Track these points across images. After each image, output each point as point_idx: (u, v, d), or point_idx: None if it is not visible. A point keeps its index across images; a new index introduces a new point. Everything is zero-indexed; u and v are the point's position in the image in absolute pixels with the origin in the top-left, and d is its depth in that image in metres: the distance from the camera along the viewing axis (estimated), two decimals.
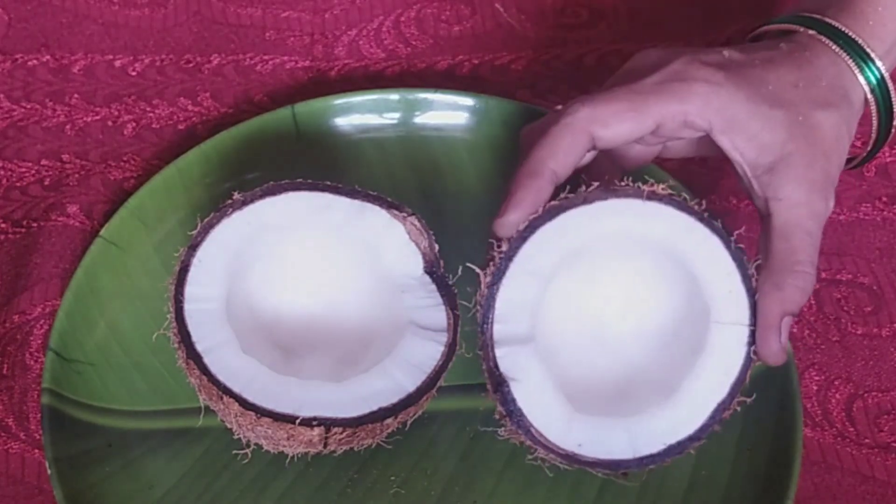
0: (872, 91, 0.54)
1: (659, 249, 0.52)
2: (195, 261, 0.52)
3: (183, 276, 0.52)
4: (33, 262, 0.63)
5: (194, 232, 0.53)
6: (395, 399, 0.51)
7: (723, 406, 0.51)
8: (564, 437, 0.50)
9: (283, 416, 0.50)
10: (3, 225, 0.65)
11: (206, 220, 0.53)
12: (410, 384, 0.52)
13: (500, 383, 0.50)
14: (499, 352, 0.50)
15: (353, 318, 0.57)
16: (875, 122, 0.56)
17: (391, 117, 0.67)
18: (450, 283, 0.54)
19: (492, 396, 0.52)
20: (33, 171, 0.67)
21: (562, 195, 0.52)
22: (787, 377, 0.58)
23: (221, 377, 0.50)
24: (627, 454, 0.50)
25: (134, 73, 0.72)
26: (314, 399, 0.51)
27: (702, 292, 0.52)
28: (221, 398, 0.50)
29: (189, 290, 0.52)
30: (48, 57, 0.72)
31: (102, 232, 0.61)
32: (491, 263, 0.51)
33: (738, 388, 0.51)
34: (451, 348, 0.53)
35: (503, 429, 0.52)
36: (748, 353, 0.51)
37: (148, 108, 0.70)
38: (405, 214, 0.54)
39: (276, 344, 0.56)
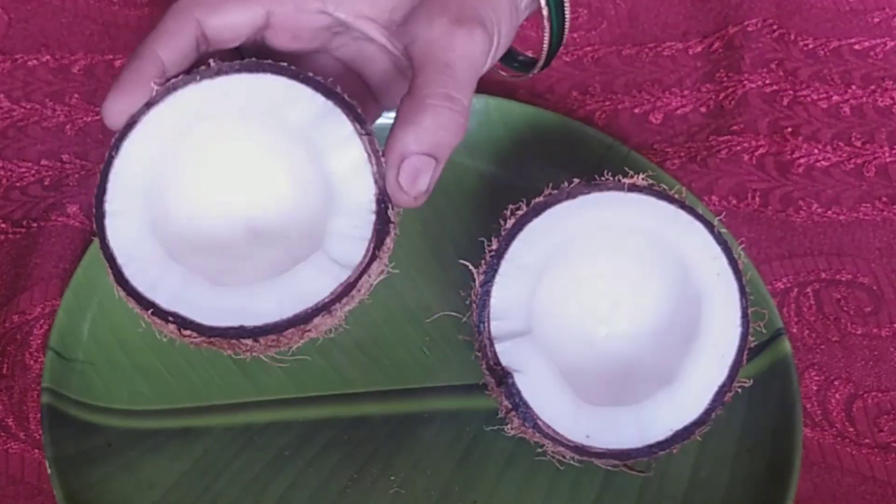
0: None
1: (645, 239, 0.53)
2: (145, 119, 0.49)
3: (127, 130, 0.49)
4: (33, 262, 0.63)
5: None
6: (257, 322, 0.48)
7: (724, 388, 0.52)
8: (572, 428, 0.51)
9: (145, 301, 0.48)
10: (3, 225, 0.65)
11: (172, 80, 0.49)
12: (284, 312, 0.48)
13: (503, 377, 0.50)
14: (499, 347, 0.51)
15: (275, 217, 0.53)
16: (546, 12, 0.53)
17: (391, 117, 0.67)
18: (392, 223, 0.49)
19: (495, 392, 0.52)
20: (33, 171, 0.67)
21: (546, 192, 0.52)
22: (787, 377, 0.58)
23: (112, 243, 0.48)
24: (636, 443, 0.51)
25: None
26: (186, 295, 0.48)
27: (691, 277, 0.52)
28: (105, 260, 0.49)
29: (127, 146, 0.49)
30: (48, 57, 0.72)
31: None
32: (483, 262, 0.52)
33: (736, 369, 0.52)
34: (346, 288, 0.48)
35: (509, 425, 0.52)
36: (743, 334, 0.52)
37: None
38: (366, 131, 0.49)
39: (185, 224, 0.53)
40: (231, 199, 0.53)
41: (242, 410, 0.58)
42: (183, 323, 0.48)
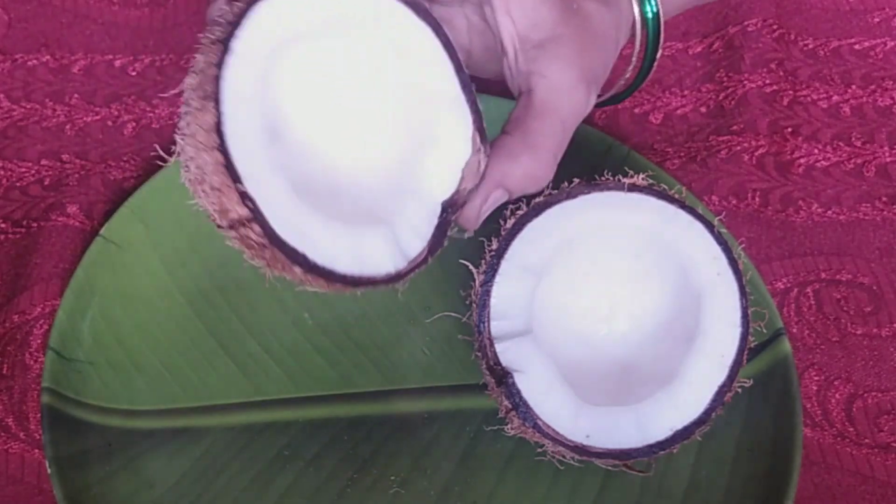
0: (643, 14, 0.53)
1: (645, 238, 0.53)
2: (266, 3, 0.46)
3: (239, 19, 0.46)
4: (33, 262, 0.63)
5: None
6: (318, 259, 0.46)
7: (724, 388, 0.52)
8: (572, 427, 0.51)
9: (234, 172, 0.44)
10: (3, 225, 0.65)
11: None
12: (342, 263, 0.47)
13: (503, 377, 0.51)
14: (499, 347, 0.51)
15: (361, 165, 0.52)
16: (639, 48, 0.55)
17: None
18: (447, 235, 0.49)
19: (495, 392, 0.52)
20: (33, 171, 0.67)
21: (546, 192, 0.52)
22: (787, 377, 0.58)
23: (230, 142, 0.45)
24: (636, 442, 0.51)
25: (134, 73, 0.72)
26: (271, 199, 0.45)
27: (691, 277, 0.52)
28: (213, 147, 0.45)
29: (241, 40, 0.46)
30: (48, 57, 0.72)
31: (102, 231, 0.61)
32: (483, 262, 0.52)
33: (736, 369, 0.52)
34: (394, 277, 0.48)
35: (509, 425, 0.52)
36: (743, 334, 0.52)
37: (148, 108, 0.70)
38: (482, 148, 0.49)
39: (286, 141, 0.51)
40: (325, 122, 0.52)
41: (242, 410, 0.58)
42: (256, 214, 0.45)
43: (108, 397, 0.58)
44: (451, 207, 0.49)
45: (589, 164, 0.64)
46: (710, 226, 0.53)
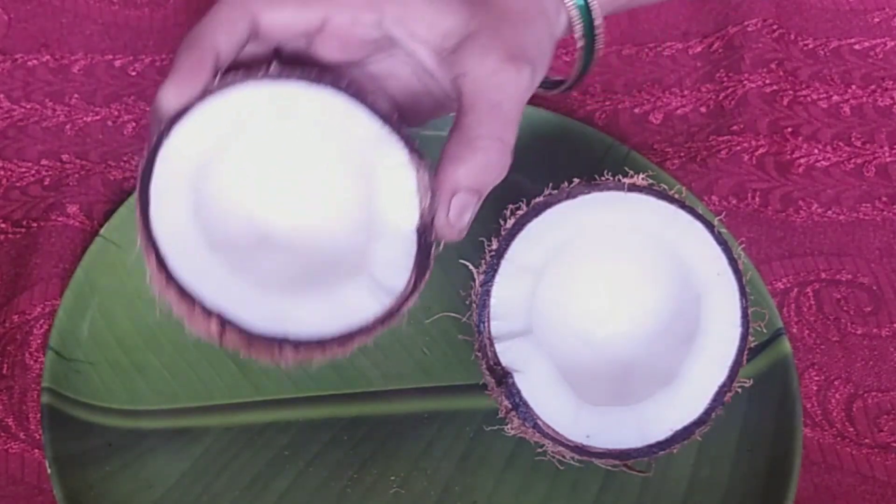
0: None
1: (645, 239, 0.53)
2: (199, 107, 0.47)
3: (180, 115, 0.47)
4: (33, 262, 0.63)
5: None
6: (302, 335, 0.47)
7: (724, 388, 0.52)
8: (572, 427, 0.51)
9: (188, 295, 0.45)
10: (3, 225, 0.65)
11: (231, 74, 0.48)
12: (329, 327, 0.47)
13: (503, 377, 0.50)
14: (499, 347, 0.51)
15: (319, 237, 0.52)
16: (578, 27, 0.54)
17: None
18: (432, 256, 0.50)
19: (495, 392, 0.52)
20: (33, 171, 0.67)
21: (546, 192, 0.52)
22: (787, 377, 0.58)
23: (156, 228, 0.46)
24: (636, 442, 0.51)
25: (134, 73, 0.72)
26: (230, 293, 0.46)
27: (691, 277, 0.52)
28: (147, 246, 0.46)
29: (178, 130, 0.47)
30: (48, 57, 0.72)
31: (102, 231, 0.61)
32: (483, 262, 0.52)
33: (736, 369, 0.52)
34: (388, 315, 0.48)
35: (509, 425, 0.52)
36: (743, 334, 0.52)
37: (148, 109, 0.70)
38: (422, 167, 0.49)
39: (230, 228, 0.52)
40: (271, 203, 0.52)
41: (242, 410, 0.58)
42: (226, 322, 0.46)
43: (108, 397, 0.58)
44: (424, 230, 0.49)
45: (589, 164, 0.64)
46: (710, 226, 0.53)
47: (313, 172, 0.52)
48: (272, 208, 0.52)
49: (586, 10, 0.54)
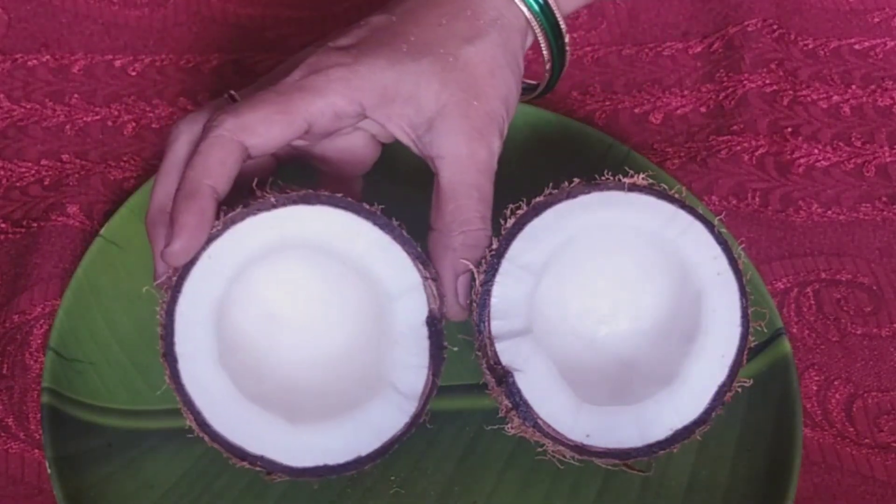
0: (532, 10, 0.54)
1: (646, 238, 0.53)
2: (205, 255, 0.49)
3: (188, 267, 0.49)
4: (33, 262, 0.63)
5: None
6: (341, 460, 0.51)
7: (724, 388, 0.52)
8: (572, 427, 0.51)
9: (233, 448, 0.50)
10: (3, 225, 0.65)
11: (231, 213, 0.50)
12: (362, 449, 0.51)
13: (503, 377, 0.51)
14: (499, 346, 0.51)
15: (337, 352, 0.55)
16: (544, 44, 0.55)
17: None
18: (444, 345, 0.53)
19: (495, 392, 0.52)
20: (33, 171, 0.67)
21: (546, 192, 0.52)
22: (787, 377, 0.58)
23: (189, 388, 0.49)
24: (636, 442, 0.51)
25: (134, 73, 0.72)
26: (266, 436, 0.50)
27: (691, 277, 0.52)
28: (183, 406, 0.50)
29: (189, 284, 0.49)
30: (48, 57, 0.72)
31: (102, 231, 0.61)
32: (483, 262, 0.52)
33: (736, 369, 0.52)
34: (413, 420, 0.52)
35: (509, 425, 0.52)
36: (743, 334, 0.52)
37: (148, 108, 0.70)
38: (428, 276, 0.52)
39: (253, 355, 0.55)
40: (288, 325, 0.55)
41: None
42: (271, 467, 0.50)
43: (108, 397, 0.58)
44: (434, 319, 0.52)
45: (589, 164, 0.64)
46: (710, 226, 0.53)
47: (323, 290, 0.55)
48: (289, 332, 0.55)
49: (554, 33, 0.55)
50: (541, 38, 0.55)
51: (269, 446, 0.50)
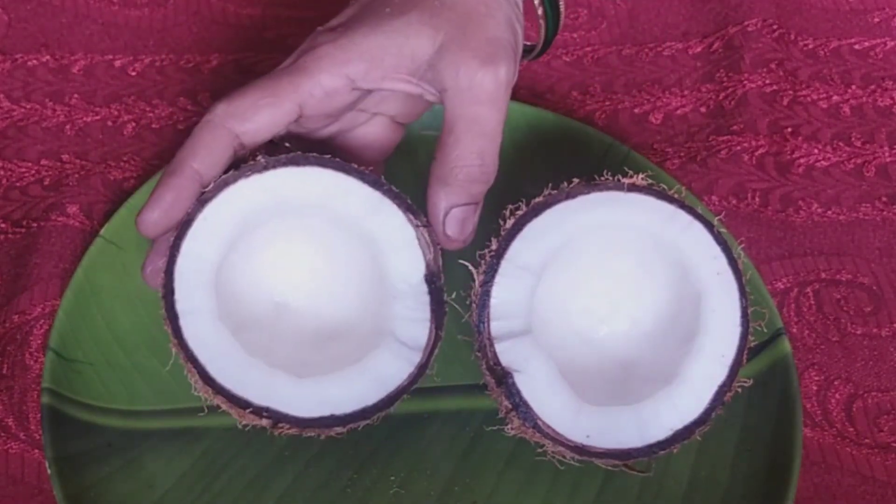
0: None
1: (645, 238, 0.53)
2: (201, 216, 0.50)
3: (185, 228, 0.50)
4: (33, 262, 0.63)
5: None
6: (348, 409, 0.51)
7: (724, 388, 0.52)
8: (572, 428, 0.51)
9: (238, 399, 0.49)
10: (3, 225, 0.65)
11: (223, 175, 0.51)
12: (369, 398, 0.51)
13: (503, 377, 0.51)
14: (499, 347, 0.51)
15: (338, 310, 0.56)
16: (541, 11, 0.55)
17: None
18: (445, 299, 0.53)
19: (495, 392, 0.52)
20: (33, 171, 0.67)
21: (546, 192, 0.52)
22: (787, 377, 0.58)
23: (192, 344, 0.49)
24: (636, 442, 0.51)
25: (134, 73, 0.72)
26: (271, 389, 0.50)
27: (691, 277, 0.52)
28: (187, 361, 0.50)
29: (186, 244, 0.50)
30: (48, 57, 0.72)
31: (102, 232, 0.61)
32: (482, 262, 0.52)
33: (736, 368, 0.52)
34: (420, 370, 0.52)
35: (509, 425, 0.52)
36: (743, 334, 0.52)
37: (148, 108, 0.70)
38: (419, 224, 0.53)
39: (254, 318, 0.55)
40: (287, 286, 0.56)
41: None
42: (277, 417, 0.50)
43: (108, 397, 0.58)
44: (432, 277, 0.53)
45: (589, 164, 0.64)
46: (709, 226, 0.53)
47: (319, 248, 0.55)
48: (287, 288, 0.56)
49: None
50: None
51: (274, 399, 0.50)
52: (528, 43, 0.59)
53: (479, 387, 0.55)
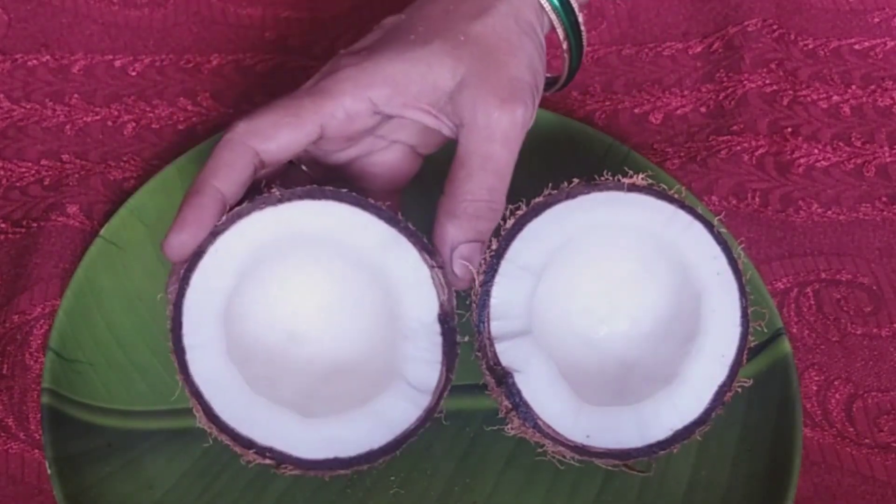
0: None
1: (645, 238, 0.53)
2: (212, 248, 0.50)
3: (195, 260, 0.50)
4: (33, 262, 0.63)
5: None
6: (353, 453, 0.50)
7: (724, 388, 0.52)
8: (572, 427, 0.51)
9: (241, 439, 0.49)
10: (3, 225, 0.65)
11: (236, 208, 0.50)
12: (374, 442, 0.51)
13: (503, 377, 0.50)
14: (499, 347, 0.51)
15: (348, 345, 0.55)
16: (556, 20, 0.55)
17: None
18: (458, 341, 0.52)
19: (495, 392, 0.52)
20: (33, 171, 0.67)
21: (546, 192, 0.53)
22: (787, 377, 0.58)
23: (197, 380, 0.49)
24: (636, 442, 0.51)
25: (134, 73, 0.72)
26: (276, 428, 0.50)
27: (691, 277, 0.52)
28: (192, 397, 0.50)
29: (196, 277, 0.50)
30: (48, 57, 0.72)
31: (102, 232, 0.61)
32: (482, 262, 0.52)
33: (736, 368, 0.52)
34: (427, 414, 0.52)
35: (509, 425, 0.52)
36: (743, 334, 0.52)
37: (148, 108, 0.70)
38: (434, 264, 0.52)
39: (263, 351, 0.55)
40: (298, 320, 0.55)
41: None
42: (280, 458, 0.49)
43: (108, 398, 0.58)
44: (445, 317, 0.52)
45: (589, 164, 0.64)
46: (709, 226, 0.53)
47: (332, 283, 0.55)
48: (299, 327, 0.55)
49: (566, 9, 0.55)
50: (552, 16, 0.55)
51: (278, 439, 0.49)
52: (550, 75, 0.59)
53: (479, 387, 0.55)
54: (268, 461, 0.49)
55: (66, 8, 0.74)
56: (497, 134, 0.51)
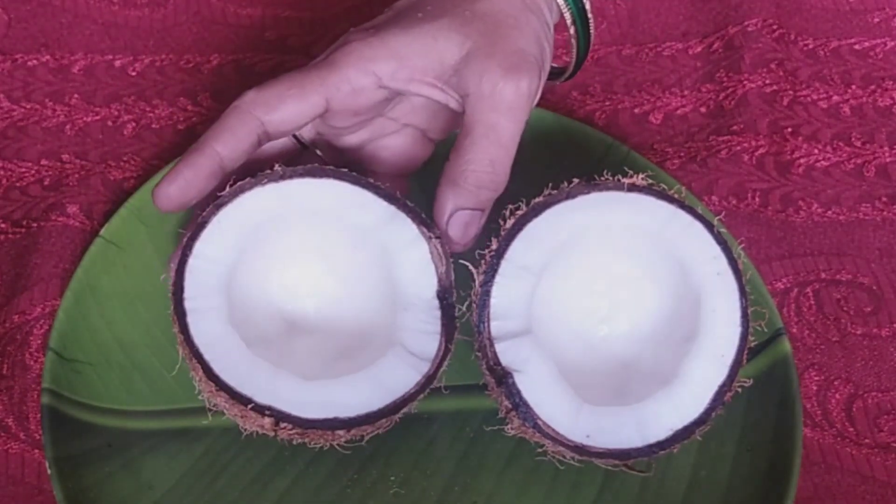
0: None
1: (645, 238, 0.53)
2: (215, 219, 0.51)
3: (198, 230, 0.51)
4: (33, 262, 0.63)
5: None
6: (352, 413, 0.50)
7: (724, 388, 0.52)
8: (572, 428, 0.51)
9: (240, 396, 0.49)
10: (3, 225, 0.65)
11: (239, 182, 0.52)
12: (374, 404, 0.51)
13: (503, 377, 0.51)
14: (499, 347, 0.51)
15: (347, 319, 0.56)
16: (563, 6, 0.55)
17: None
18: (456, 314, 0.53)
19: (495, 392, 0.52)
20: (33, 171, 0.67)
21: (546, 192, 0.53)
22: (787, 377, 0.58)
23: (197, 340, 0.50)
24: (636, 442, 0.51)
25: (134, 73, 0.72)
26: (275, 389, 0.50)
27: (691, 277, 0.52)
28: (192, 359, 0.50)
29: (199, 245, 0.51)
30: (48, 57, 0.72)
31: (102, 232, 0.61)
32: (482, 262, 0.52)
33: (736, 368, 0.52)
34: (427, 380, 0.52)
35: (509, 425, 0.52)
36: (743, 334, 0.52)
37: (148, 108, 0.70)
38: (432, 235, 0.53)
39: (263, 324, 0.55)
40: (298, 295, 0.56)
41: None
42: (279, 416, 0.49)
43: (108, 398, 0.58)
44: (444, 292, 0.52)
45: (589, 164, 0.64)
46: (709, 226, 0.53)
47: (333, 259, 0.56)
48: (299, 298, 0.56)
49: None
50: (563, 6, 0.55)
51: (277, 399, 0.50)
52: (557, 66, 0.60)
53: (479, 387, 0.55)
54: (266, 421, 0.49)
55: (66, 8, 0.74)
56: (502, 104, 0.51)
